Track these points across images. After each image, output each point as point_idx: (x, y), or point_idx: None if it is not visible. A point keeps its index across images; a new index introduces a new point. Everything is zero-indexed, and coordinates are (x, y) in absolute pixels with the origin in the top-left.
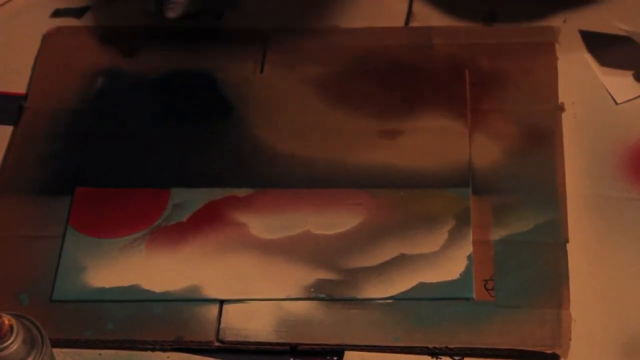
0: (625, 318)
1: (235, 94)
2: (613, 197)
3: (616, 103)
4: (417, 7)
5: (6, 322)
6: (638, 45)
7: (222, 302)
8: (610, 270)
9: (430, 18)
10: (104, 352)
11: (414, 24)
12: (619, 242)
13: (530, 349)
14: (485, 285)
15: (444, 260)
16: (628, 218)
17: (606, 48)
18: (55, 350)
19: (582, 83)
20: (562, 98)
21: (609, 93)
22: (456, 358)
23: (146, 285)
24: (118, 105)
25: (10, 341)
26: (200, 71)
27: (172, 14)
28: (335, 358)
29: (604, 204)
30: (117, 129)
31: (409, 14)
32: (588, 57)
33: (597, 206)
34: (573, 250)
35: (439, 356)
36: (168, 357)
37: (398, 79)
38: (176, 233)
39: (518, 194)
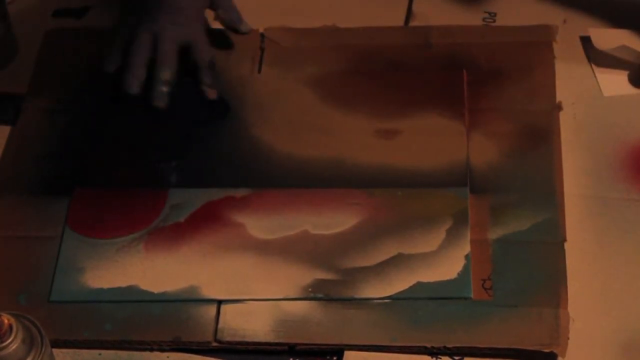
0: (624, 318)
1: (233, 93)
2: (613, 198)
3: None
4: (417, 7)
5: (5, 321)
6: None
7: (220, 303)
8: (610, 271)
9: (430, 18)
10: (103, 352)
11: (413, 23)
12: (619, 243)
13: (528, 348)
14: (483, 285)
15: (441, 260)
16: (628, 219)
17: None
18: (55, 350)
19: (582, 84)
20: (562, 98)
21: (600, 89)
22: (456, 358)
23: (144, 286)
24: (116, 105)
25: (9, 341)
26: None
27: (161, 103)
28: (335, 358)
29: (604, 204)
30: (115, 129)
31: (409, 14)
32: (588, 58)
33: (596, 207)
34: (573, 250)
35: (438, 356)
36: (168, 357)
37: (396, 78)
38: (174, 233)
39: (516, 193)
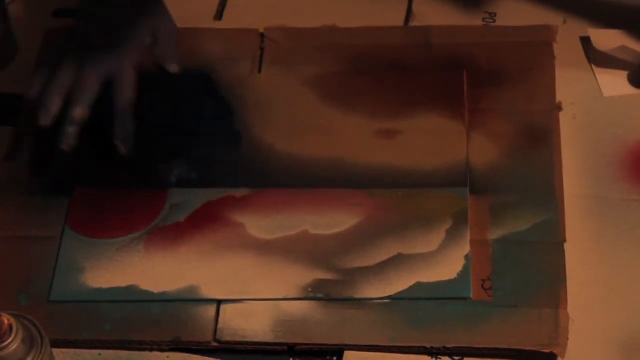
0: (624, 319)
1: (233, 94)
2: (613, 198)
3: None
4: (417, 7)
5: (5, 321)
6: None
7: (219, 302)
8: (610, 271)
9: (430, 18)
10: (104, 352)
11: (413, 23)
12: (619, 243)
13: (527, 348)
14: (482, 285)
15: (441, 260)
16: (628, 219)
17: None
18: (55, 350)
19: (582, 84)
20: (562, 99)
21: (600, 89)
22: (456, 358)
23: (144, 286)
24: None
25: (9, 341)
26: (198, 71)
27: (65, 145)
28: (335, 358)
29: (604, 205)
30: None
31: (409, 14)
32: (588, 58)
33: (596, 207)
34: (573, 251)
35: (438, 356)
36: (168, 357)
37: (396, 78)
38: (174, 233)
39: (516, 194)
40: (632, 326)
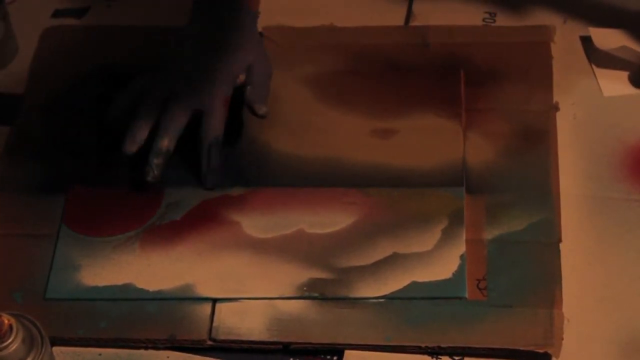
0: (622, 319)
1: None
2: (612, 198)
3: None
4: (417, 7)
5: (6, 321)
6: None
7: (215, 301)
8: (609, 271)
9: (430, 18)
10: (103, 351)
11: (413, 23)
12: (618, 243)
13: (522, 348)
14: (477, 285)
15: (437, 260)
16: (627, 219)
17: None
18: (55, 350)
19: (582, 84)
20: (562, 99)
21: (600, 89)
22: (456, 358)
23: (140, 284)
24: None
25: (9, 341)
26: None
27: (149, 177)
28: (335, 358)
29: (603, 205)
30: (112, 128)
31: (409, 14)
32: (588, 58)
33: (596, 207)
34: (572, 251)
35: (438, 356)
36: (168, 357)
37: (393, 78)
38: (170, 232)
39: (512, 194)
40: (631, 326)
